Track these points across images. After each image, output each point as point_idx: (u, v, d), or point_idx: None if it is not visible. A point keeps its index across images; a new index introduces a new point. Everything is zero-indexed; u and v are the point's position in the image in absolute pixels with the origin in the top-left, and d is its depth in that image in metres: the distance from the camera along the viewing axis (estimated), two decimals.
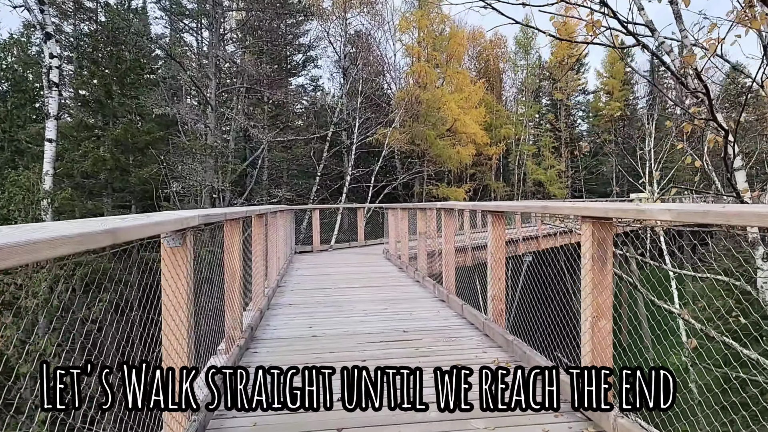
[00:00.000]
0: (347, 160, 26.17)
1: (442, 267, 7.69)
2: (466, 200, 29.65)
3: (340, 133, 28.50)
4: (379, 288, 9.03)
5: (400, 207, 12.40)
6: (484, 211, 6.11)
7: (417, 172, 28.28)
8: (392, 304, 7.43)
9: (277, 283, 9.13)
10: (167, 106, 15.50)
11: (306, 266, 12.70)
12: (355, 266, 12.78)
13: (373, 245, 18.85)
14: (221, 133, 18.43)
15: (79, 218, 17.45)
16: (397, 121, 27.82)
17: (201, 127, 16.46)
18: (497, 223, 5.48)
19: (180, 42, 19.32)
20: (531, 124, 41.54)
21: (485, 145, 32.23)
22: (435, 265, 9.92)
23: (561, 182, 40.99)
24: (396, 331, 5.77)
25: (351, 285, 9.40)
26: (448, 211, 7.67)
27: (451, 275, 7.51)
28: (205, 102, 16.53)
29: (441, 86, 30.10)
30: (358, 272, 11.42)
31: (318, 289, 8.96)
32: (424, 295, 8.20)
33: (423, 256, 9.69)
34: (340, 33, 30.62)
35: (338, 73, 30.99)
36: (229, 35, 19.69)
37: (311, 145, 22.88)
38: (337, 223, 22.60)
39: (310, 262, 13.81)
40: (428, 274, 9.36)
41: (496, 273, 5.42)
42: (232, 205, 16.67)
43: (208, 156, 15.65)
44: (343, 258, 14.79)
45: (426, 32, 30.31)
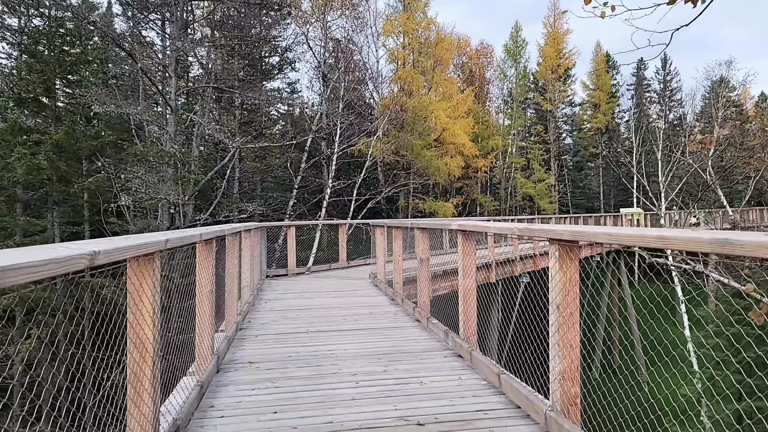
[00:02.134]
0: (327, 172, 24.12)
1: (460, 309, 5.66)
2: (455, 215, 27.80)
3: (319, 142, 26.46)
4: (370, 332, 6.93)
5: (393, 224, 10.35)
6: (522, 237, 4.11)
7: (402, 185, 26.30)
8: (392, 363, 5.34)
9: (238, 325, 6.99)
10: (117, 105, 13.16)
11: (278, 296, 10.55)
12: (338, 296, 10.66)
13: (356, 266, 16.78)
14: (185, 139, 16.23)
15: (14, 238, 14.71)
16: (380, 130, 25.93)
17: (158, 132, 14.17)
18: (566, 258, 3.47)
19: (139, 38, 17.04)
20: (519, 135, 40.04)
21: (473, 157, 30.46)
22: (439, 299, 7.92)
23: (551, 196, 39.45)
24: (408, 425, 3.70)
25: (333, 327, 7.29)
26: (467, 234, 5.66)
27: (472, 322, 5.47)
28: (164, 103, 14.34)
29: (428, 94, 28.31)
30: (341, 305, 9.30)
31: (290, 334, 6.83)
32: (432, 345, 6.13)
33: (426, 292, 7.63)
34: (320, 37, 28.77)
35: (317, 78, 29.06)
36: (197, 32, 17.58)
37: (288, 155, 20.79)
38: (315, 240, 20.45)
39: (283, 289, 11.66)
40: (430, 312, 7.33)
41: (565, 337, 3.40)
42: (193, 223, 14.46)
43: (166, 165, 13.43)
44: (323, 284, 12.66)
45: (412, 37, 28.56)
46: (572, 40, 59.55)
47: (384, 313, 8.37)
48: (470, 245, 5.69)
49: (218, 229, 6.32)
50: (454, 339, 5.69)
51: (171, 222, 14.18)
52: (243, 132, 18.33)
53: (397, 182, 26.41)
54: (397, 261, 9.96)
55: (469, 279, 5.60)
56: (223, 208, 18.67)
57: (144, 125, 14.18)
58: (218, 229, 6.32)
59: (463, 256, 5.57)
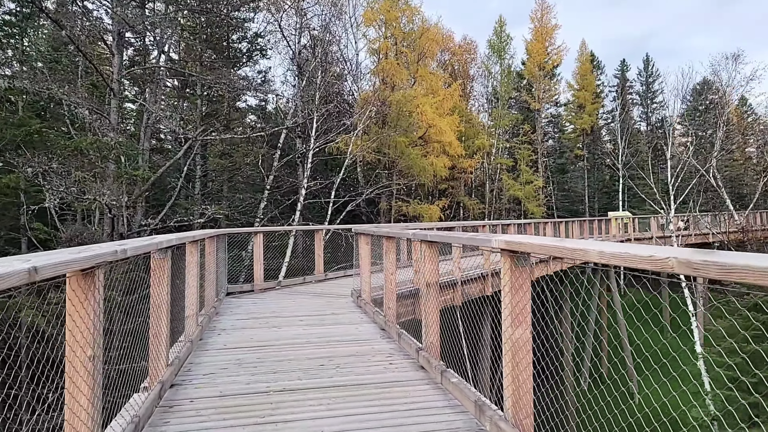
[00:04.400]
0: (302, 171, 21.82)
1: (505, 373, 3.52)
2: (442, 219, 25.78)
3: (294, 138, 24.11)
4: (359, 395, 4.70)
5: (384, 233, 8.19)
6: None
7: (384, 186, 24.09)
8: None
9: (164, 387, 4.73)
10: (34, 83, 10.63)
11: (237, 322, 8.27)
12: (314, 322, 8.39)
13: (335, 278, 14.59)
14: (134, 131, 13.77)
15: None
16: (360, 127, 23.73)
17: (92, 118, 11.63)
18: None
19: (79, 14, 14.47)
20: (505, 135, 38.20)
21: (460, 157, 28.47)
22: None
23: (538, 199, 37.70)
24: None
25: (307, 383, 5.04)
26: (517, 256, 3.53)
27: (527, 401, 3.35)
28: (105, 85, 11.92)
29: (412, 88, 26.22)
30: (318, 340, 7.07)
31: (242, 398, 4.60)
32: (457, 425, 3.97)
33: (434, 328, 5.49)
34: (294, 27, 26.46)
35: (292, 71, 26.72)
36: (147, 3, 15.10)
37: (258, 150, 18.44)
38: (288, 248, 18.14)
39: (245, 312, 9.39)
40: (440, 356, 5.20)
41: None
42: (139, 229, 12.06)
43: (105, 159, 11.05)
44: (296, 304, 10.39)
45: (395, 26, 26.44)
46: (560, 36, 58.09)
47: (375, 355, 6.20)
48: (524, 275, 3.55)
49: (144, 242, 4.10)
50: (497, 423, 3.51)
51: (112, 228, 11.78)
52: (206, 124, 15.97)
53: (378, 183, 24.20)
54: (389, 280, 7.78)
55: (523, 329, 3.49)
56: (182, 212, 16.25)
57: (83, 114, 11.65)
58: (144, 242, 4.10)
59: (511, 295, 3.44)
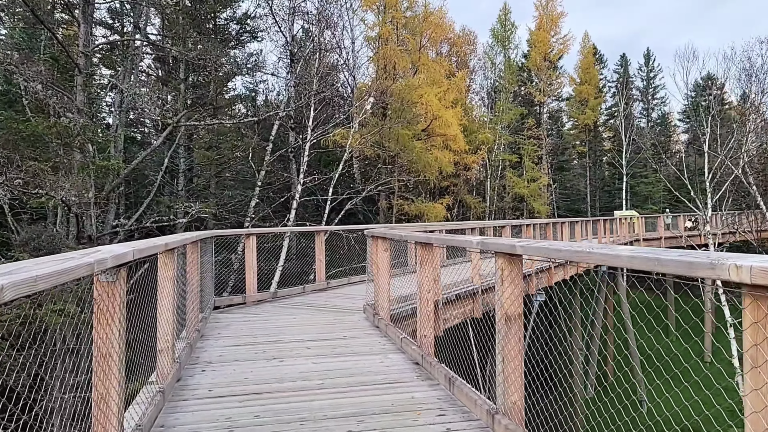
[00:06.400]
0: (297, 165, 19.98)
1: None
2: (448, 218, 24.10)
3: (287, 131, 22.25)
4: None
5: (418, 239, 6.38)
6: None
7: (385, 182, 22.28)
8: None
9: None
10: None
11: (225, 354, 6.36)
12: (324, 355, 6.47)
13: (338, 286, 12.78)
14: (113, 118, 11.89)
15: None
16: (356, 120, 21.92)
17: (57, 100, 9.74)
18: None
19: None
20: (509, 129, 36.47)
21: (464, 153, 26.73)
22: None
23: (543, 197, 36.05)
24: None
25: None
26: None
27: None
28: (69, 61, 10.01)
29: (415, 76, 24.43)
30: (335, 385, 5.18)
31: None
32: None
33: (518, 381, 3.76)
34: (287, 12, 24.59)
35: (285, 58, 24.81)
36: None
37: (248, 142, 16.58)
38: (283, 251, 16.31)
39: (235, 334, 7.55)
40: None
41: None
42: (112, 231, 10.18)
43: (67, 147, 9.18)
44: (297, 322, 8.56)
45: (396, 10, 24.62)
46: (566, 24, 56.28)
47: (420, 412, 4.43)
48: None
49: (68, 260, 2.32)
50: None
51: (78, 227, 9.92)
52: (190, 111, 14.10)
53: (379, 180, 22.38)
54: (425, 301, 6.02)
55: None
56: (164, 210, 14.35)
57: (35, 89, 9.74)
58: (68, 260, 2.32)
59: None
